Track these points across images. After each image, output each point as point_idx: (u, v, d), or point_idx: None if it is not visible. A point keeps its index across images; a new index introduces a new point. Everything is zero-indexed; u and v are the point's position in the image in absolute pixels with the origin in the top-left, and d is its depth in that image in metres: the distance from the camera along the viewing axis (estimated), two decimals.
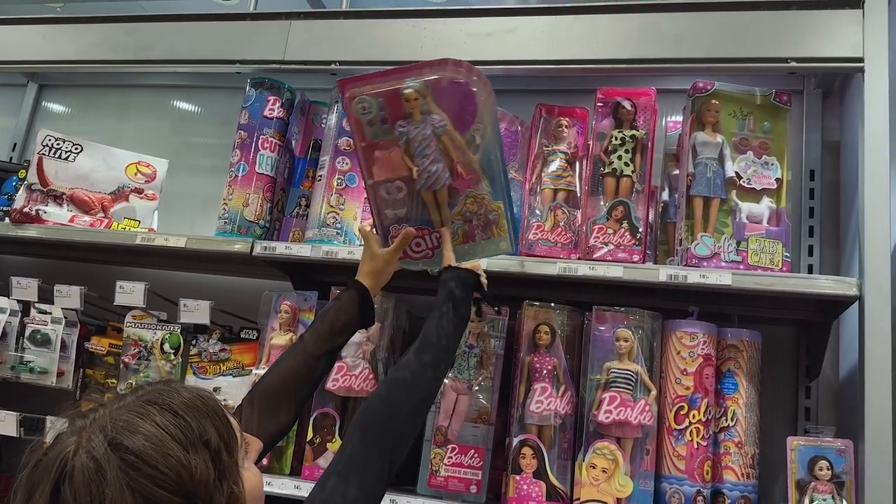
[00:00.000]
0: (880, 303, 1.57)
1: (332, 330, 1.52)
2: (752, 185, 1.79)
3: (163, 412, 0.94)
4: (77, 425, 0.94)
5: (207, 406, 0.99)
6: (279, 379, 1.44)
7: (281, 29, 2.12)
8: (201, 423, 0.96)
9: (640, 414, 1.66)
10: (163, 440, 0.91)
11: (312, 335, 1.50)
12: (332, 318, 1.53)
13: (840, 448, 1.57)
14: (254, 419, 1.37)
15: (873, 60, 1.71)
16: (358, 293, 1.57)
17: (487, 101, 1.56)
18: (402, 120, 1.53)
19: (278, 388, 1.43)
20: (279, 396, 1.42)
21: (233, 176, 2.07)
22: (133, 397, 0.98)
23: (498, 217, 1.64)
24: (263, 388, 1.42)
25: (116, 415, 0.93)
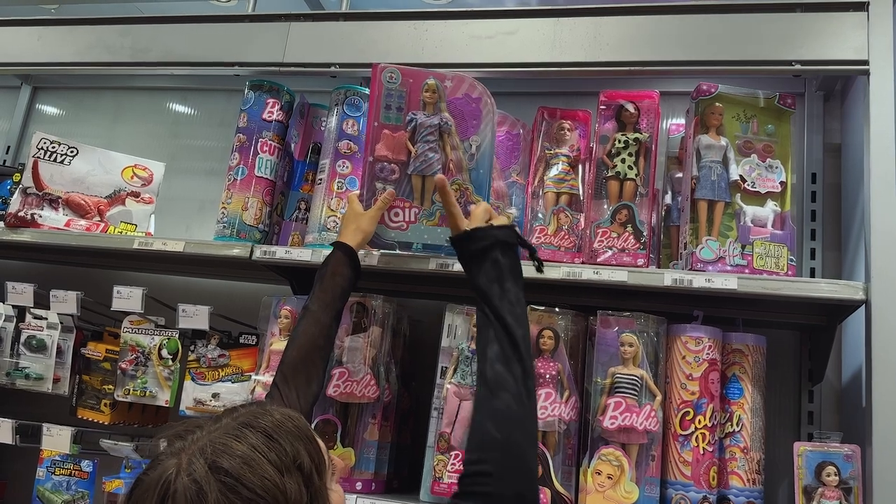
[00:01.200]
0: (888, 307, 1.56)
1: (334, 295, 1.61)
2: (757, 188, 1.77)
3: (257, 434, 0.97)
4: (176, 447, 0.96)
5: (299, 429, 1.02)
6: (303, 352, 1.53)
7: (280, 31, 2.10)
8: (294, 446, 0.98)
9: (645, 419, 1.65)
10: (259, 463, 0.93)
11: (317, 304, 1.58)
12: (330, 283, 1.61)
13: (847, 454, 1.56)
14: (293, 395, 1.47)
15: (878, 63, 1.70)
16: (345, 254, 1.64)
17: (491, 119, 1.77)
18: (415, 110, 1.76)
19: (305, 361, 1.52)
20: (307, 367, 1.52)
21: (231, 179, 2.05)
22: (228, 419, 1.00)
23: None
24: (291, 363, 1.51)
25: (214, 437, 0.96)
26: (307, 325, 1.57)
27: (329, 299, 1.60)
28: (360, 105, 2.03)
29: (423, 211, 1.81)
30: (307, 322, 1.57)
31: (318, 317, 1.58)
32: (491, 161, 1.81)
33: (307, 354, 1.53)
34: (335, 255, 1.65)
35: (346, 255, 1.65)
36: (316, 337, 1.56)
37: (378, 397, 1.85)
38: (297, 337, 1.56)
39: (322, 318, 1.58)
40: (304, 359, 1.53)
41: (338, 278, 1.62)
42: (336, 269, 1.63)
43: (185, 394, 2.06)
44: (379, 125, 1.76)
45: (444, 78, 1.80)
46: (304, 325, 1.57)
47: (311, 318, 1.58)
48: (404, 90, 1.77)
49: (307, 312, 1.59)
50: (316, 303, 1.59)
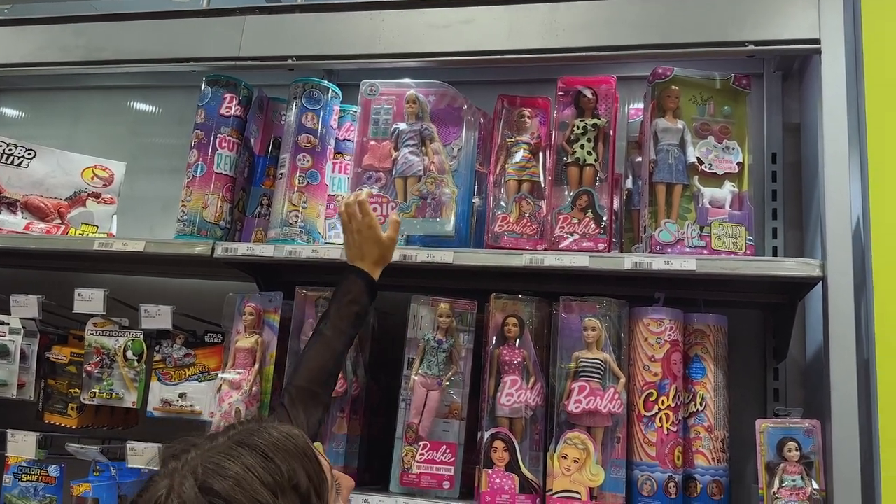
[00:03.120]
0: (843, 283, 1.58)
1: (350, 323, 1.58)
2: (714, 169, 1.79)
3: (252, 454, 0.94)
4: (170, 467, 0.93)
5: (298, 447, 0.98)
6: (313, 376, 1.51)
7: (235, 25, 2.08)
8: (291, 466, 0.95)
9: (609, 402, 1.66)
10: (251, 484, 0.90)
11: (332, 330, 1.55)
12: (347, 311, 1.57)
13: (808, 429, 1.58)
14: (301, 415, 1.45)
15: (829, 41, 1.72)
16: (366, 283, 1.61)
17: (472, 125, 1.95)
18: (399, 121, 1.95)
19: (314, 382, 1.51)
20: (316, 391, 1.51)
21: (191, 177, 2.02)
22: (224, 438, 0.97)
23: (450, 200, 1.86)
24: (300, 386, 1.49)
25: (207, 457, 0.93)
26: (320, 350, 1.54)
27: (345, 326, 1.56)
28: (319, 98, 2.02)
29: (400, 205, 1.85)
30: (320, 347, 1.54)
31: (331, 343, 1.54)
32: (473, 161, 1.96)
33: (317, 378, 1.51)
34: (357, 282, 1.60)
35: (367, 285, 1.61)
36: (327, 362, 1.53)
37: (346, 391, 1.85)
38: (308, 361, 1.53)
39: (335, 345, 1.55)
40: (313, 381, 1.51)
41: (355, 307, 1.58)
42: (357, 297, 1.59)
43: (151, 395, 2.04)
44: (367, 139, 1.97)
45: (428, 93, 1.97)
46: (316, 349, 1.54)
47: (324, 343, 1.54)
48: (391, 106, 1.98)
49: (320, 337, 1.55)
50: (330, 328, 1.55)
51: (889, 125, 1.62)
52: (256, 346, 1.90)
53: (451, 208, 1.87)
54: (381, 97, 1.98)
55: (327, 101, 2.03)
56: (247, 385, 1.86)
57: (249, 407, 1.85)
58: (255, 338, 1.91)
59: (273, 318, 1.93)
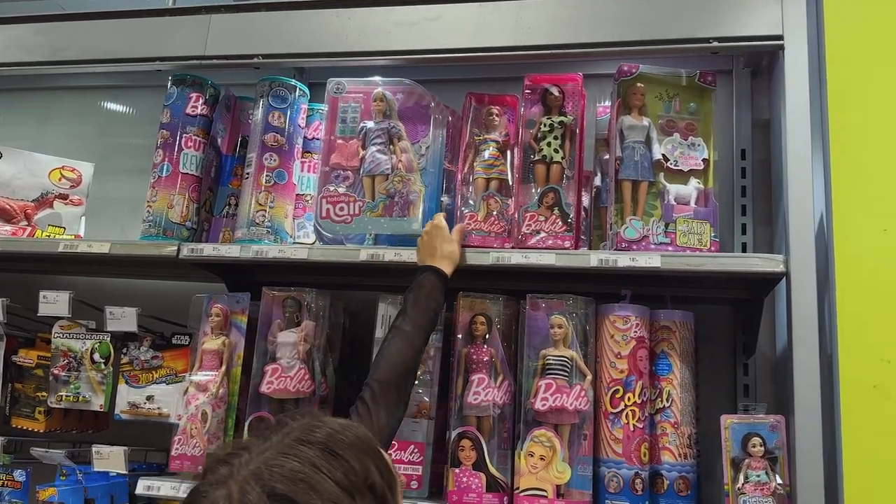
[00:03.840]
0: (806, 279, 1.58)
1: (428, 319, 1.59)
2: (680, 166, 1.79)
3: (322, 453, 0.86)
4: (221, 473, 0.84)
5: (364, 443, 0.91)
6: (397, 372, 1.50)
7: (201, 24, 2.06)
8: (363, 464, 0.87)
9: (575, 399, 1.66)
10: (326, 487, 0.82)
11: (412, 326, 1.56)
12: (425, 307, 1.59)
13: (772, 424, 1.59)
14: (382, 415, 1.43)
15: (792, 37, 1.72)
16: (441, 281, 1.64)
17: (440, 123, 1.94)
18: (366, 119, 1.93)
19: (398, 381, 1.49)
20: (399, 389, 1.49)
21: (156, 177, 2.01)
22: (279, 437, 0.89)
23: (417, 199, 1.86)
24: (384, 381, 1.48)
25: (268, 458, 0.84)
26: (403, 346, 1.53)
27: (424, 322, 1.58)
28: (286, 97, 2.01)
29: (366, 204, 1.84)
30: (402, 342, 1.53)
31: (413, 339, 1.54)
32: (441, 159, 1.96)
33: (401, 376, 1.50)
34: (431, 279, 1.63)
35: (441, 283, 1.64)
36: (410, 360, 1.53)
37: (314, 392, 1.83)
38: (391, 356, 1.51)
39: (416, 342, 1.55)
40: (397, 379, 1.49)
41: (432, 303, 1.61)
42: (432, 293, 1.61)
43: (119, 397, 2.02)
44: (335, 137, 1.94)
45: (395, 91, 1.94)
46: (398, 344, 1.53)
47: (406, 339, 1.54)
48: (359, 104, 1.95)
49: (400, 332, 1.55)
50: (410, 324, 1.56)
51: (851, 121, 1.63)
52: (223, 348, 1.88)
53: (419, 207, 1.86)
54: (348, 95, 1.97)
55: (294, 99, 2.02)
56: (213, 387, 1.84)
57: (216, 409, 1.83)
58: (221, 339, 1.89)
59: (240, 319, 1.92)
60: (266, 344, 1.85)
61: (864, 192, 1.59)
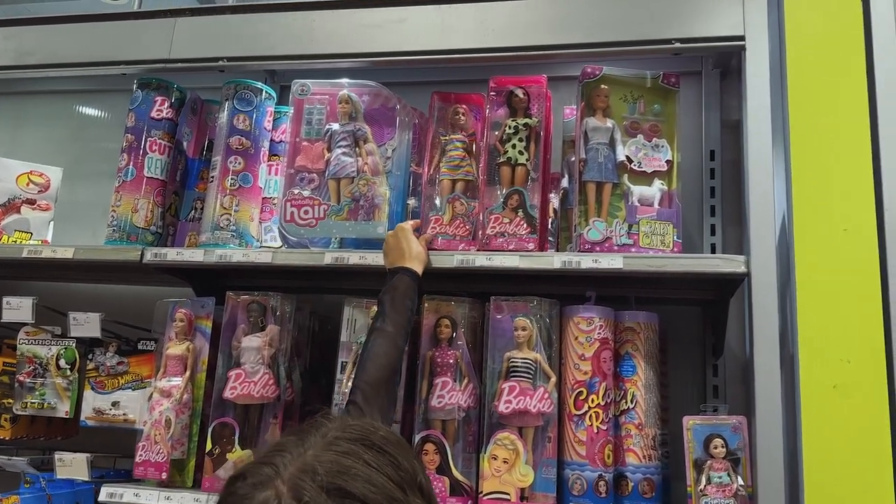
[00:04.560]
0: (767, 280, 1.58)
1: (407, 319, 1.60)
2: (643, 168, 1.79)
3: (369, 450, 0.85)
4: (264, 474, 0.83)
5: (405, 443, 0.93)
6: (385, 373, 1.50)
7: (166, 27, 2.05)
8: (410, 462, 0.88)
9: (539, 402, 1.65)
10: (384, 484, 0.82)
11: (393, 326, 1.56)
12: (402, 306, 1.59)
13: (734, 425, 1.58)
14: (377, 415, 1.43)
15: (753, 37, 1.72)
16: (414, 280, 1.65)
17: (406, 126, 1.94)
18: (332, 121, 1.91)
19: (386, 382, 1.50)
20: (388, 389, 1.51)
21: (120, 181, 1.99)
22: (318, 437, 0.88)
23: (382, 202, 1.85)
24: (373, 383, 1.48)
25: (317, 456, 0.84)
26: (387, 347, 1.53)
27: (403, 322, 1.58)
28: (251, 99, 2.00)
29: (331, 207, 1.84)
30: (386, 343, 1.54)
31: (396, 339, 1.55)
32: (407, 162, 1.97)
33: (388, 376, 1.51)
34: (405, 280, 1.63)
35: (415, 283, 1.65)
36: (395, 360, 1.54)
37: (278, 396, 1.82)
38: (377, 357, 1.52)
39: (398, 341, 1.56)
40: (385, 380, 1.50)
41: (409, 303, 1.61)
42: (408, 293, 1.62)
43: (85, 404, 2.00)
44: (300, 139, 1.92)
45: (361, 93, 1.93)
46: (383, 345, 1.53)
47: (389, 339, 1.54)
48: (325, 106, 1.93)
49: (383, 333, 1.55)
50: (391, 325, 1.56)
51: (811, 122, 1.63)
52: (188, 353, 1.87)
53: (385, 210, 1.85)
54: (313, 97, 1.96)
55: (260, 102, 2.01)
56: (177, 393, 1.83)
57: (180, 415, 1.82)
58: (186, 344, 1.88)
59: (205, 324, 1.90)
60: (230, 349, 1.83)
61: (825, 192, 1.59)
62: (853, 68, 1.65)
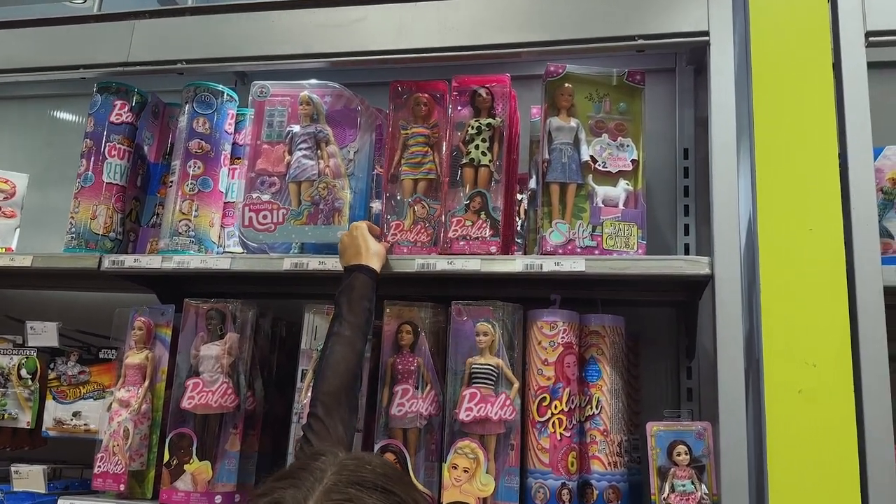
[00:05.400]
0: (730, 281, 1.54)
1: (365, 319, 1.55)
2: (608, 168, 1.75)
3: (372, 493, 0.84)
4: None
5: (404, 476, 0.92)
6: (344, 380, 1.45)
7: (125, 30, 2.01)
8: (412, 495, 0.88)
9: (500, 409, 1.61)
10: None
11: (350, 329, 1.51)
12: (359, 307, 1.55)
13: (699, 431, 1.54)
14: (339, 427, 1.39)
15: (718, 33, 1.68)
16: (371, 278, 1.60)
17: (369, 127, 1.91)
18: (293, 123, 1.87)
19: (345, 389, 1.45)
20: (349, 396, 1.46)
21: (79, 187, 1.95)
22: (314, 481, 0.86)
23: (343, 206, 1.81)
24: (333, 393, 1.43)
25: None
26: (345, 352, 1.48)
27: (361, 323, 1.54)
28: (211, 102, 1.96)
29: (290, 212, 1.80)
30: (343, 348, 1.49)
31: (354, 343, 1.51)
32: (370, 164, 1.93)
33: (348, 383, 1.46)
34: (361, 278, 1.59)
35: (373, 280, 1.60)
36: (354, 365, 1.49)
37: (238, 406, 1.78)
38: (335, 364, 1.47)
39: (357, 345, 1.51)
40: (346, 387, 1.45)
41: (365, 303, 1.57)
42: (365, 293, 1.57)
43: (46, 414, 1.97)
44: (260, 142, 1.88)
45: (323, 94, 1.89)
46: (340, 351, 1.49)
47: (347, 344, 1.50)
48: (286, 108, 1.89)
49: (339, 338, 1.50)
50: (348, 328, 1.51)
51: (776, 119, 1.59)
52: (146, 362, 1.83)
53: (345, 214, 1.81)
54: (274, 98, 1.92)
55: (220, 104, 1.97)
56: (136, 403, 1.79)
57: (139, 425, 1.78)
58: (144, 353, 1.84)
59: (165, 332, 1.87)
60: (189, 358, 1.80)
61: (790, 191, 1.54)
62: (820, 64, 1.60)
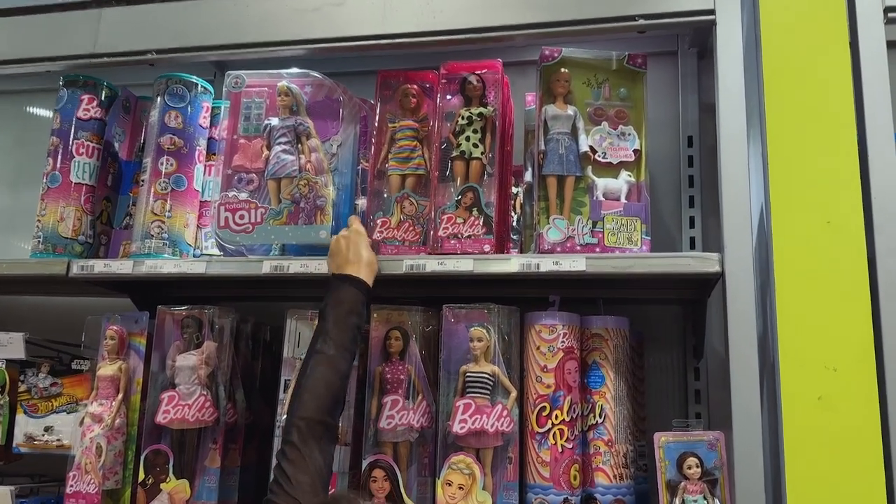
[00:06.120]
0: (743, 279, 1.43)
1: (352, 336, 1.43)
2: (609, 158, 1.63)
3: None
4: None
5: None
6: (322, 404, 1.34)
7: (91, 19, 1.88)
8: None
9: (497, 420, 1.50)
10: None
11: (334, 347, 1.40)
12: (346, 323, 1.43)
13: (710, 442, 1.43)
14: (316, 453, 1.29)
15: (725, 11, 1.56)
16: (363, 293, 1.48)
17: (353, 119, 1.80)
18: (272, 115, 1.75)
19: (324, 411, 1.34)
20: (326, 422, 1.34)
21: (45, 188, 1.84)
22: None
23: (325, 204, 1.68)
24: (309, 418, 1.32)
25: None
26: (327, 373, 1.37)
27: (346, 341, 1.41)
28: (184, 95, 1.84)
29: (269, 211, 1.68)
30: (326, 370, 1.37)
31: (338, 364, 1.38)
32: (355, 158, 1.81)
33: (326, 406, 1.34)
34: (352, 293, 1.46)
35: (364, 296, 1.48)
36: (337, 388, 1.37)
37: (217, 420, 1.67)
38: (315, 387, 1.35)
39: (341, 366, 1.39)
40: (324, 413, 1.33)
41: (354, 318, 1.44)
42: (355, 308, 1.45)
43: (17, 429, 1.85)
44: (237, 136, 1.76)
45: (303, 84, 1.77)
46: (322, 372, 1.37)
47: (330, 364, 1.37)
48: (264, 100, 1.77)
49: (323, 357, 1.38)
50: (333, 346, 1.39)
51: (789, 103, 1.47)
52: (120, 374, 1.71)
53: (329, 213, 1.69)
54: (251, 90, 1.79)
55: (194, 97, 1.85)
56: (109, 417, 1.68)
57: (112, 441, 1.67)
58: (118, 364, 1.72)
59: (139, 341, 1.75)
60: (163, 370, 1.68)
61: (805, 181, 1.43)
62: (835, 43, 1.48)
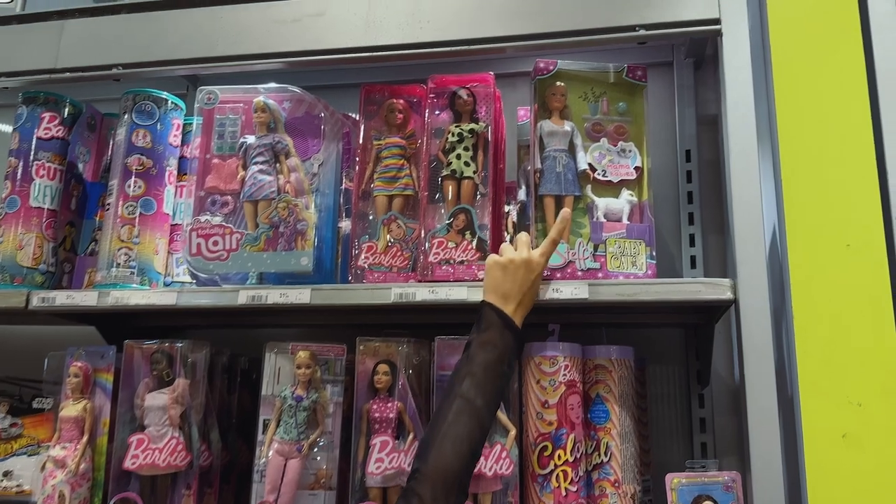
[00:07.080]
0: (757, 306, 1.32)
1: (498, 389, 1.26)
2: (609, 177, 1.53)
3: None
4: None
5: None
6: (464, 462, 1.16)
7: (52, 31, 1.75)
8: None
9: (495, 463, 1.39)
10: None
11: (482, 398, 1.21)
12: (496, 371, 1.25)
13: (727, 483, 1.33)
14: None
15: (731, 20, 1.47)
16: (518, 342, 1.30)
17: (335, 136, 1.69)
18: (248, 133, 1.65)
19: (463, 472, 1.16)
20: (462, 481, 1.16)
21: (3, 213, 1.70)
22: None
23: (307, 228, 1.57)
24: (448, 471, 1.14)
25: None
26: (472, 427, 1.18)
27: (494, 394, 1.24)
28: (153, 111, 1.72)
29: (245, 236, 1.56)
30: (472, 421, 1.19)
31: (483, 419, 1.20)
32: (337, 177, 1.71)
33: (468, 466, 1.17)
34: (506, 335, 1.28)
35: (518, 346, 1.30)
36: (478, 446, 1.20)
37: (191, 463, 1.54)
38: (459, 440, 1.16)
39: (486, 422, 1.21)
40: (464, 471, 1.16)
41: (505, 369, 1.26)
42: (505, 354, 1.27)
43: None
44: (211, 156, 1.66)
45: (281, 99, 1.67)
46: (468, 424, 1.18)
47: (475, 416, 1.19)
48: (239, 116, 1.68)
49: (466, 405, 1.19)
50: (480, 396, 1.21)
51: (802, 117, 1.38)
52: (85, 414, 1.58)
53: (310, 238, 1.58)
54: (225, 106, 1.68)
55: (164, 113, 1.73)
56: (73, 462, 1.54)
57: (77, 488, 1.53)
58: (83, 404, 1.59)
59: (106, 377, 1.61)
60: (131, 409, 1.55)
61: (822, 201, 1.34)
62: (849, 52, 1.40)
